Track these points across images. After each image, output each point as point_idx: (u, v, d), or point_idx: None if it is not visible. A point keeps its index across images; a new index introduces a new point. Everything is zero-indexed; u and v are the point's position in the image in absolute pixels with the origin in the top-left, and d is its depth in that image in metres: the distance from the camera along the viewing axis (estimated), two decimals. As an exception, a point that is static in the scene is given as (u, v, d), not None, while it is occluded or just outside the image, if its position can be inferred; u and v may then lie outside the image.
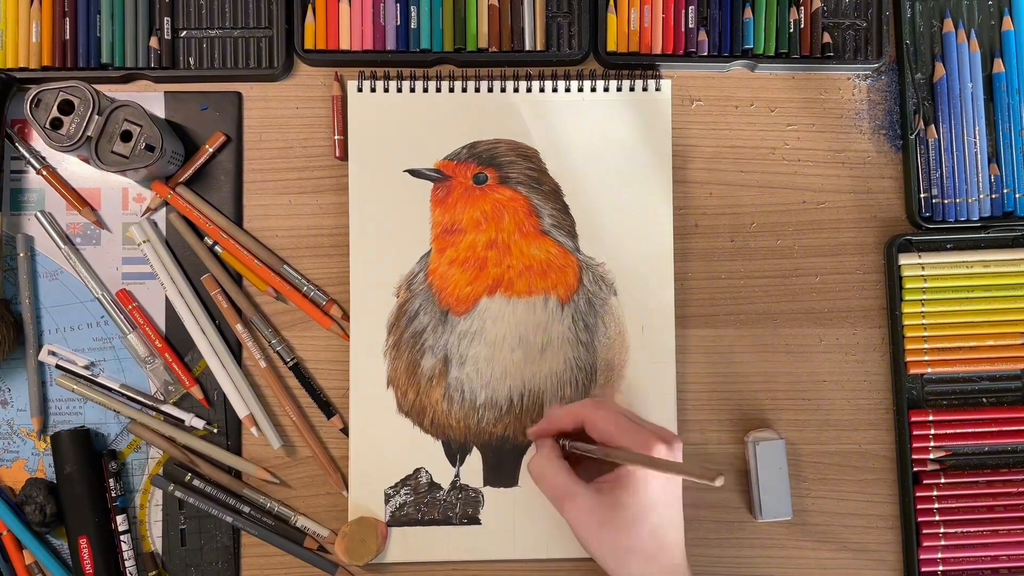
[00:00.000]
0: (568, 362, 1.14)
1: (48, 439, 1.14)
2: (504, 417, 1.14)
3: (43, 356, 1.14)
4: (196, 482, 1.14)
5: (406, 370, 1.14)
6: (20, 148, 1.15)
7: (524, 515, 1.14)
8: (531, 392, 1.14)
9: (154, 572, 1.14)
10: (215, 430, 1.15)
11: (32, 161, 1.15)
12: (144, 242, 1.14)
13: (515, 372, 1.14)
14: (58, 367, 1.14)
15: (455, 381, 1.14)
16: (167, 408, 1.14)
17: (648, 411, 1.14)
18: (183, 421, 1.14)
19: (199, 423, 1.14)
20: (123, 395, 1.15)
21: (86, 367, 1.15)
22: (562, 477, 0.99)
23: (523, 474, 1.14)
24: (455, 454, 1.14)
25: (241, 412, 1.14)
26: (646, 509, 0.96)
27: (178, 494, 1.14)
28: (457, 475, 1.14)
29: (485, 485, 1.14)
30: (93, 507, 1.12)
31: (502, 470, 1.14)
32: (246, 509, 1.14)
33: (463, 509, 1.14)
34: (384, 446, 1.14)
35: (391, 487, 1.14)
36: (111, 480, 1.13)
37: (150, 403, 1.14)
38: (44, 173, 1.15)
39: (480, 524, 1.14)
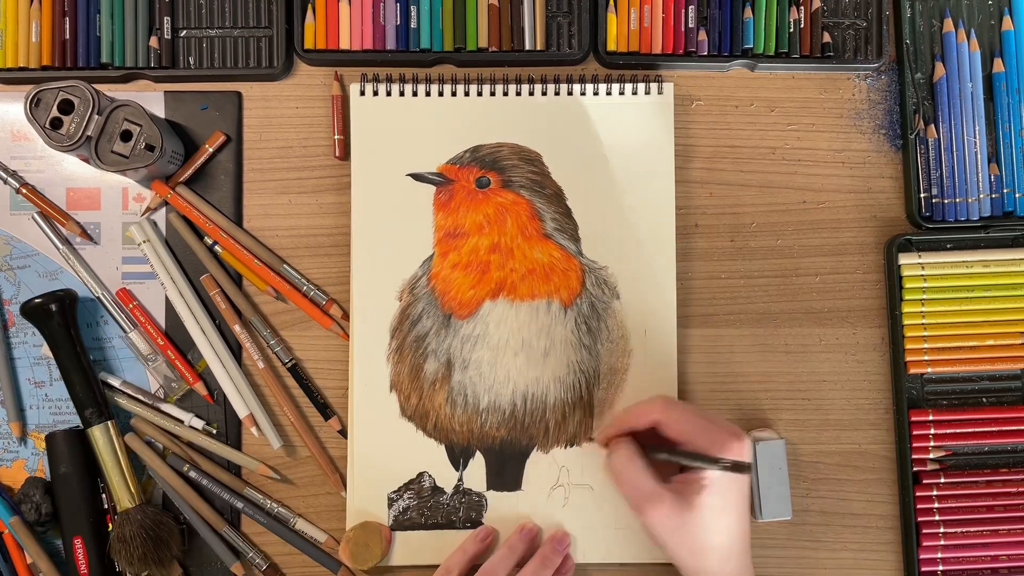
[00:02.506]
0: (571, 366, 1.14)
1: (32, 438, 1.15)
2: (507, 421, 1.14)
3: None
4: (194, 474, 1.14)
5: (409, 374, 1.14)
6: (-3, 168, 1.16)
7: (527, 519, 1.14)
8: (534, 396, 1.14)
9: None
10: (215, 430, 1.15)
11: (11, 180, 1.15)
12: (144, 242, 1.14)
13: (518, 376, 1.14)
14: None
15: (458, 385, 1.14)
16: (167, 408, 1.15)
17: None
18: (183, 421, 1.14)
19: (199, 423, 1.14)
20: (126, 393, 1.15)
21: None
22: (645, 480, 1.01)
23: (526, 478, 1.14)
24: (458, 458, 1.14)
25: (241, 412, 1.14)
26: (723, 510, 0.99)
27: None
28: (460, 479, 1.14)
29: (488, 489, 1.14)
30: (88, 507, 1.12)
31: (505, 474, 1.14)
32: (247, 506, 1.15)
33: (466, 513, 1.14)
34: (387, 450, 1.14)
35: (394, 491, 1.14)
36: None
37: (151, 402, 1.15)
38: (24, 191, 1.15)
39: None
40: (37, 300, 1.11)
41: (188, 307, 1.14)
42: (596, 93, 1.16)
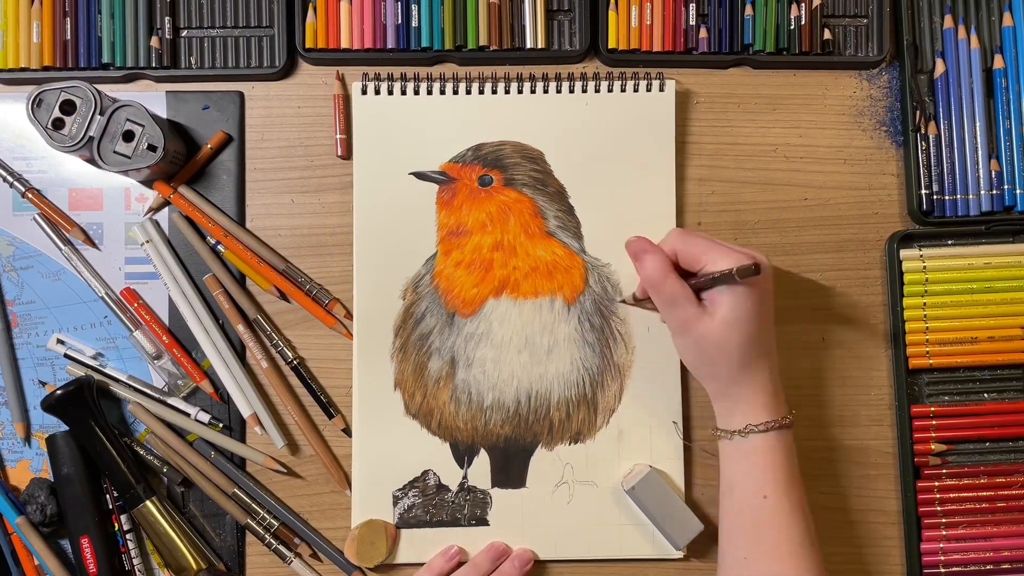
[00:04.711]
0: (575, 363, 1.14)
1: (36, 438, 1.15)
2: (511, 419, 1.14)
3: (51, 344, 1.15)
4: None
5: (413, 372, 1.14)
6: (4, 172, 1.16)
7: (532, 516, 1.15)
8: (538, 393, 1.14)
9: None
10: (220, 426, 1.15)
11: (17, 185, 1.15)
12: (147, 242, 1.14)
13: (522, 373, 1.14)
14: (66, 356, 1.15)
15: (462, 383, 1.14)
16: (174, 401, 1.15)
17: (654, 410, 1.15)
18: (189, 415, 1.14)
19: (205, 416, 1.14)
20: (131, 386, 1.15)
21: (93, 357, 1.15)
22: (675, 283, 1.04)
23: (530, 475, 1.15)
24: (463, 456, 1.15)
25: (245, 412, 1.14)
26: (737, 322, 1.03)
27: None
28: (465, 477, 1.15)
29: (493, 486, 1.15)
30: (93, 507, 1.12)
31: (509, 471, 1.15)
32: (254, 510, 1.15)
33: (471, 510, 1.14)
34: (391, 449, 1.14)
35: (399, 489, 1.14)
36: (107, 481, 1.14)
37: (158, 396, 1.15)
38: (29, 196, 1.15)
39: (488, 525, 1.15)
40: (57, 393, 1.10)
41: (191, 307, 1.14)
42: (597, 91, 1.16)
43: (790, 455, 1.06)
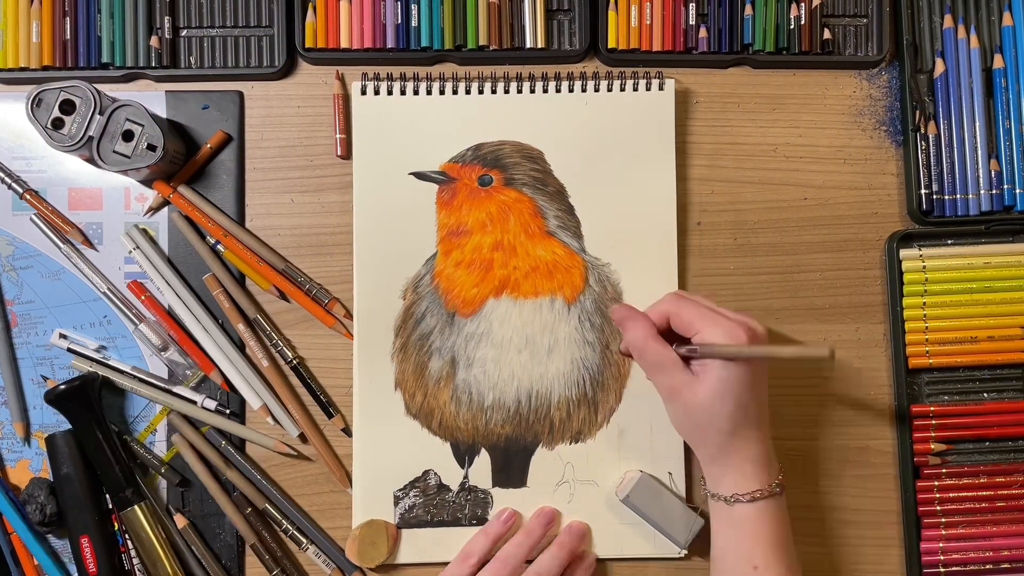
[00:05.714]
0: (575, 362, 1.14)
1: (36, 438, 1.16)
2: (512, 418, 1.14)
3: (54, 340, 1.15)
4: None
5: (414, 372, 1.14)
6: (2, 173, 1.16)
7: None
8: (538, 393, 1.14)
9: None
10: (228, 411, 1.15)
11: (15, 186, 1.15)
12: (134, 249, 1.14)
13: (522, 373, 1.14)
14: (70, 350, 1.15)
15: (463, 383, 1.14)
16: (180, 390, 1.15)
17: (653, 409, 1.15)
18: (196, 402, 1.14)
19: (211, 403, 1.14)
20: (136, 377, 1.15)
21: (96, 350, 1.15)
22: (661, 348, 1.04)
23: (531, 474, 1.15)
24: (463, 456, 1.15)
25: (255, 403, 1.14)
26: (724, 393, 1.01)
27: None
28: (466, 476, 1.15)
29: (494, 486, 1.15)
30: (93, 507, 1.12)
31: (510, 471, 1.15)
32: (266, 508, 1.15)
33: (472, 510, 1.14)
34: (392, 448, 1.14)
35: (400, 489, 1.14)
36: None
37: (164, 385, 1.15)
38: (27, 197, 1.15)
39: (489, 525, 1.15)
40: (61, 387, 1.11)
41: (188, 308, 1.14)
42: (597, 90, 1.16)
43: (779, 523, 1.04)
